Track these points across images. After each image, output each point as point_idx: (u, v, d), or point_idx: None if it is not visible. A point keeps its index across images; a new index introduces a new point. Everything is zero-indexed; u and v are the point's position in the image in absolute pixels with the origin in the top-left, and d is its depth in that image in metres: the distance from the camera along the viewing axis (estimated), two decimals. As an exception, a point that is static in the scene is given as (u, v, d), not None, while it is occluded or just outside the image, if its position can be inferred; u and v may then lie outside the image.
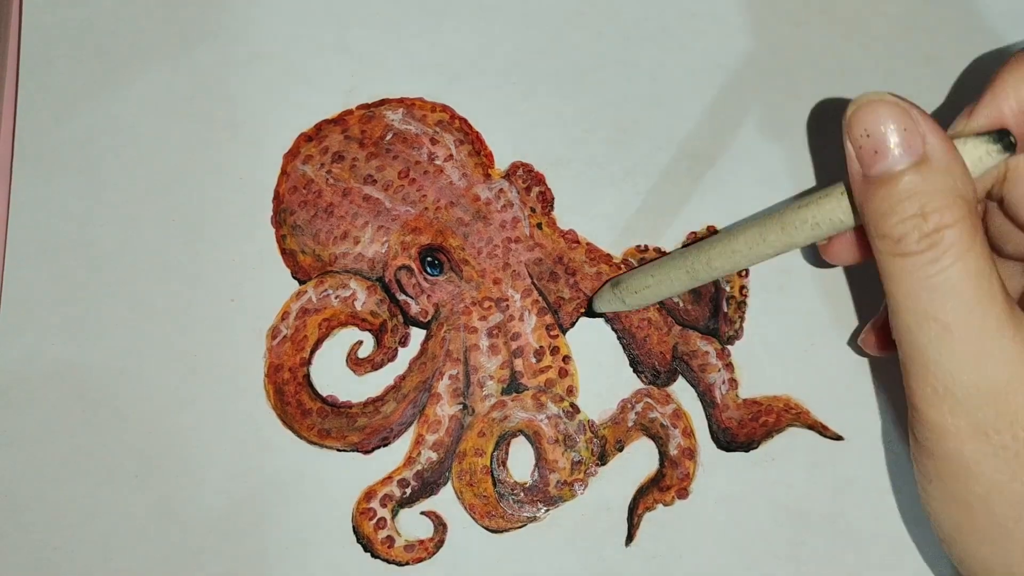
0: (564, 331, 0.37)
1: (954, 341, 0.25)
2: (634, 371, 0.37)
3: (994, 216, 0.30)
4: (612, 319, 0.37)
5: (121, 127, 0.39)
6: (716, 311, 0.37)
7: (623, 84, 0.40)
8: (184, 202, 0.38)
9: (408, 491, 0.36)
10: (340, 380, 0.37)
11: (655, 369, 0.37)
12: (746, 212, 0.38)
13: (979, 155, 0.27)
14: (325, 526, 0.36)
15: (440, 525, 0.36)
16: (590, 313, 0.37)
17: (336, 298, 0.37)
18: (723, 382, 0.37)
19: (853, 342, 0.37)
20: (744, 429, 0.36)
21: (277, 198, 0.38)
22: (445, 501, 0.36)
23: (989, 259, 0.25)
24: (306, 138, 0.39)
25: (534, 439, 0.36)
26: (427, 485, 0.36)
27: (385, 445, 0.36)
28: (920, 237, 0.25)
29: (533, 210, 0.38)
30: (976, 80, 0.40)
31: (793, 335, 0.38)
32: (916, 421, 0.27)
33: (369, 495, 0.36)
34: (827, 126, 0.39)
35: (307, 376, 0.37)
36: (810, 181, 0.39)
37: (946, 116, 0.40)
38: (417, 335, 0.37)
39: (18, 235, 0.38)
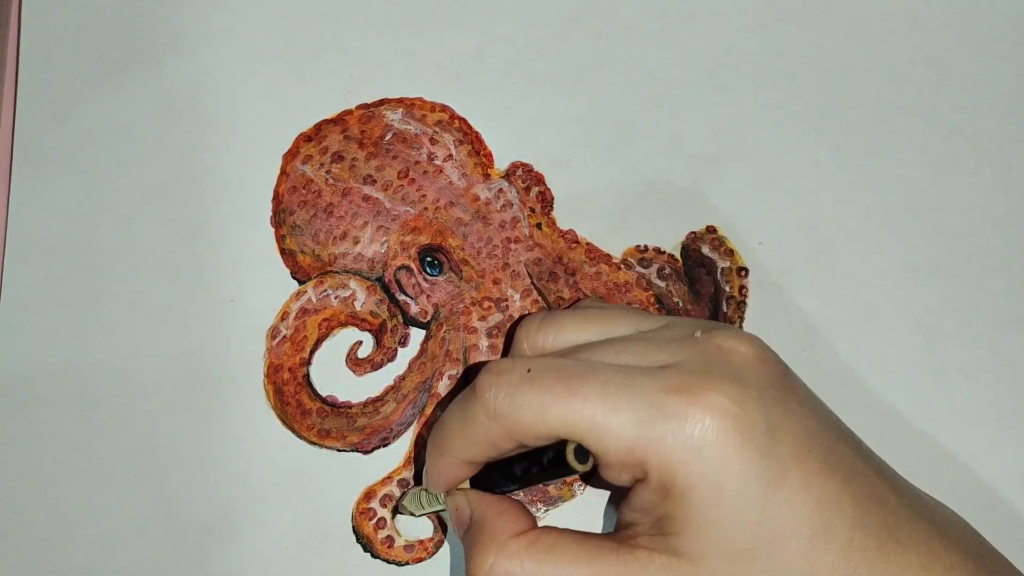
0: (395, 514, 0.37)
1: None
2: (634, 371, 0.37)
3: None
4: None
5: (121, 127, 0.39)
6: (716, 311, 0.37)
7: (623, 84, 0.40)
8: (184, 202, 0.38)
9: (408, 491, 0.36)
10: (340, 380, 0.37)
11: (655, 369, 0.37)
12: (746, 212, 0.38)
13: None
14: (325, 526, 0.36)
15: (440, 525, 0.36)
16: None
17: (336, 298, 0.37)
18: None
19: (853, 342, 0.37)
20: (744, 429, 0.36)
21: (277, 198, 0.38)
22: (445, 501, 0.36)
23: (546, 553, 0.29)
24: (306, 138, 0.39)
25: (534, 439, 0.36)
26: (427, 485, 0.36)
27: (385, 445, 0.36)
28: None
29: (533, 210, 0.38)
30: (976, 80, 0.40)
31: (793, 335, 0.38)
32: None
33: (369, 495, 0.36)
34: (827, 126, 0.39)
35: (307, 376, 0.37)
36: (810, 181, 0.39)
37: (947, 116, 0.40)
38: (417, 335, 0.37)
39: (18, 235, 0.38)
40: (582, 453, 0.28)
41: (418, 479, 0.36)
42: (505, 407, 0.29)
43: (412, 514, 0.35)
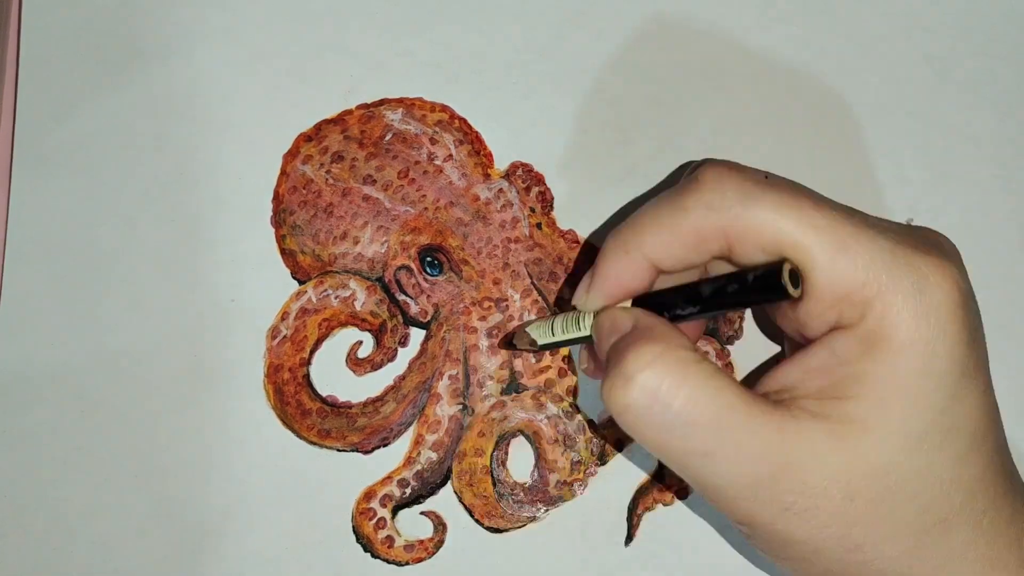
0: (507, 346, 0.37)
1: (719, 461, 0.26)
2: (634, 371, 0.37)
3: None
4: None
5: (121, 127, 0.39)
6: (716, 311, 0.37)
7: (623, 84, 0.40)
8: (184, 202, 0.38)
9: (408, 491, 0.36)
10: (340, 380, 0.37)
11: (655, 369, 0.37)
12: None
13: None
14: (325, 526, 0.36)
15: (440, 525, 0.36)
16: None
17: (336, 298, 0.37)
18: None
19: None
20: (744, 429, 0.36)
21: (277, 198, 0.38)
22: (445, 501, 0.36)
23: (707, 377, 0.26)
24: (306, 138, 0.39)
25: (534, 439, 0.36)
26: (427, 485, 0.36)
27: (385, 445, 0.36)
28: (635, 397, 0.26)
29: (533, 210, 0.38)
30: (976, 80, 0.40)
31: (793, 335, 0.38)
32: (733, 521, 0.29)
33: (369, 495, 0.36)
34: (827, 126, 0.39)
35: (307, 376, 0.37)
36: (809, 181, 0.39)
37: (947, 116, 0.40)
38: (417, 335, 0.37)
39: (18, 235, 0.38)
40: (795, 277, 0.26)
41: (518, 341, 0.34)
42: (734, 200, 0.26)
43: (532, 344, 0.32)
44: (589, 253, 0.38)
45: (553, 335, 0.31)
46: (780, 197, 0.26)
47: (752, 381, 0.32)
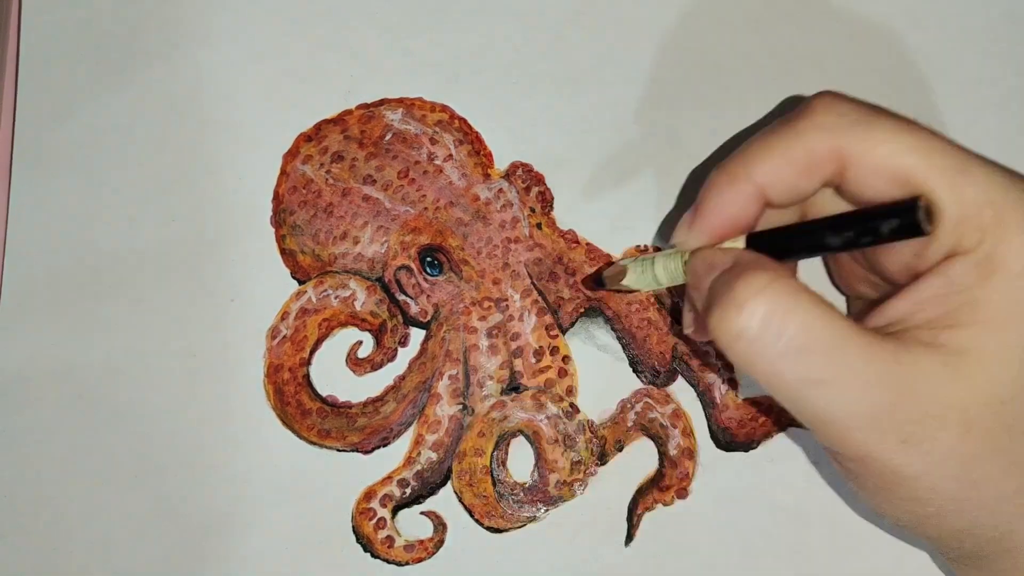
0: (564, 331, 0.37)
1: (835, 390, 0.25)
2: (634, 371, 0.37)
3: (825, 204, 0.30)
4: (612, 319, 0.37)
5: (121, 127, 0.39)
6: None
7: (623, 84, 0.40)
8: (184, 202, 0.38)
9: (408, 491, 0.36)
10: (340, 380, 0.37)
11: (655, 369, 0.37)
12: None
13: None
14: (325, 526, 0.36)
15: (440, 525, 0.36)
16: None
17: (336, 298, 0.37)
18: (723, 382, 0.37)
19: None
20: (744, 429, 0.36)
21: (277, 198, 0.38)
22: (445, 501, 0.36)
23: (818, 305, 0.25)
24: (306, 138, 0.39)
25: (534, 439, 0.36)
26: (427, 485, 0.36)
27: (385, 445, 0.36)
28: (748, 323, 0.25)
29: (533, 210, 0.38)
30: (976, 80, 0.40)
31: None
32: (842, 459, 0.28)
33: (369, 495, 0.36)
34: (827, 126, 0.39)
35: (307, 376, 0.37)
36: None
37: (947, 116, 0.40)
38: (417, 335, 0.37)
39: (18, 235, 0.38)
40: (928, 215, 0.25)
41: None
42: (850, 121, 0.26)
43: (626, 289, 0.31)
44: (589, 253, 0.38)
45: (656, 278, 0.30)
46: (896, 121, 0.26)
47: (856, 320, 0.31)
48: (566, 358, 0.37)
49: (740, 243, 0.28)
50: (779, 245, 0.28)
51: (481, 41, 0.40)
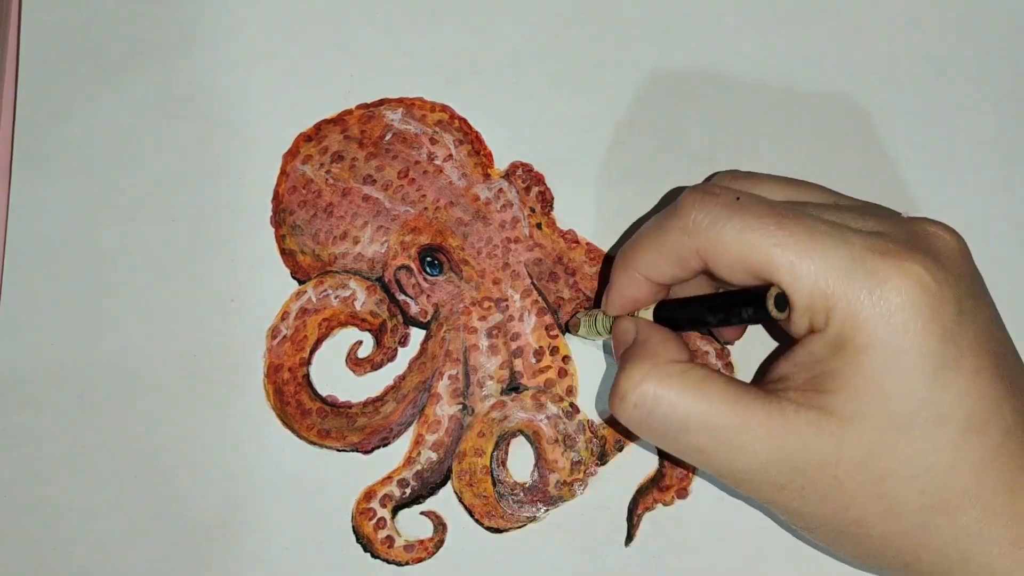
0: (564, 331, 0.37)
1: (713, 454, 0.29)
2: (634, 371, 0.37)
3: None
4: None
5: (121, 127, 0.39)
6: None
7: (623, 84, 0.40)
8: (184, 202, 0.38)
9: (408, 491, 0.36)
10: (340, 380, 0.37)
11: (655, 369, 0.37)
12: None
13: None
14: (325, 526, 0.36)
15: (440, 525, 0.36)
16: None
17: (336, 298, 0.37)
18: (723, 382, 0.37)
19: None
20: (744, 429, 0.36)
21: (277, 198, 0.38)
22: (445, 501, 0.36)
23: (692, 384, 0.29)
24: (306, 138, 0.39)
25: (534, 439, 0.36)
26: (427, 485, 0.36)
27: (385, 445, 0.36)
28: (630, 412, 0.30)
29: (533, 210, 0.38)
30: (976, 80, 0.40)
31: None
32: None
33: (369, 495, 0.36)
34: (827, 126, 0.39)
35: (307, 376, 0.37)
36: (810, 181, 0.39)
37: (947, 116, 0.40)
38: (417, 335, 0.37)
39: (18, 235, 0.38)
40: (781, 301, 0.28)
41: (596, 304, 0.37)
42: (706, 224, 0.29)
43: (584, 337, 0.36)
44: (589, 253, 0.38)
45: (596, 331, 0.35)
46: (745, 219, 0.29)
47: (759, 371, 0.35)
48: (566, 358, 0.37)
49: (650, 313, 0.33)
50: (676, 316, 0.32)
51: (481, 41, 0.40)
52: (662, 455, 0.36)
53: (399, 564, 0.35)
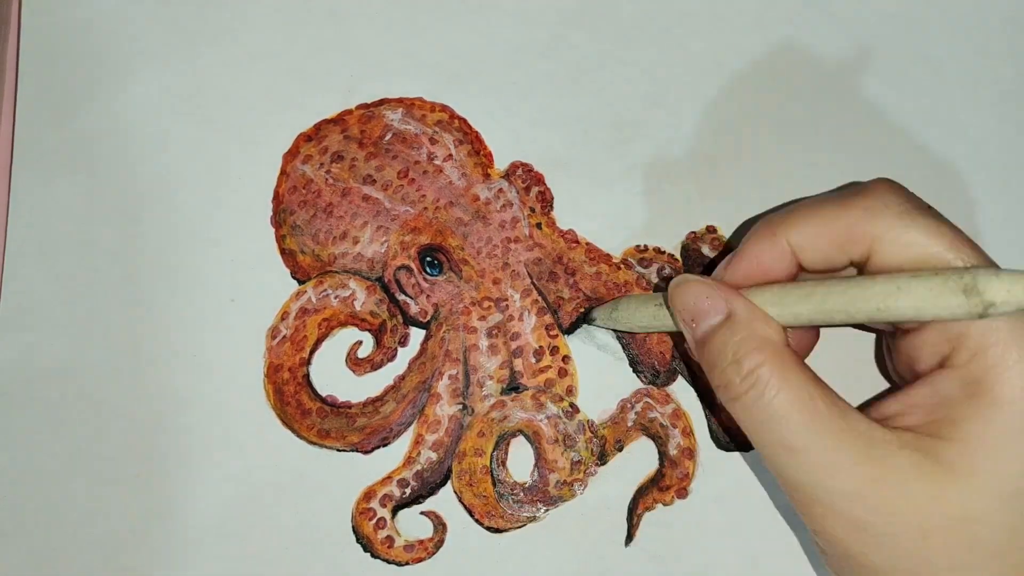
0: (564, 331, 0.37)
1: (802, 460, 0.27)
2: (634, 371, 0.37)
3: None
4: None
5: (121, 127, 0.39)
6: (716, 311, 0.37)
7: (623, 84, 0.40)
8: (184, 202, 0.38)
9: (408, 491, 0.36)
10: (340, 380, 0.37)
11: (655, 369, 0.37)
12: (745, 212, 0.38)
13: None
14: (325, 526, 0.36)
15: (440, 525, 0.36)
16: (580, 322, 0.37)
17: (335, 298, 0.37)
18: (723, 382, 0.37)
19: (853, 339, 0.37)
20: (744, 429, 0.36)
21: (277, 198, 0.38)
22: (445, 501, 0.36)
23: (810, 382, 0.28)
24: (305, 138, 0.39)
25: (534, 439, 0.36)
26: (427, 485, 0.36)
27: (385, 445, 0.36)
28: (740, 380, 0.28)
29: (532, 210, 0.38)
30: (976, 80, 0.40)
31: (793, 335, 0.38)
32: (809, 531, 0.29)
33: (369, 495, 0.36)
34: (827, 126, 0.39)
35: (307, 376, 0.37)
36: (809, 181, 0.39)
37: (946, 115, 0.40)
38: (416, 335, 0.37)
39: (18, 235, 0.38)
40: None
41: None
42: (893, 211, 0.27)
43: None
44: (589, 253, 0.38)
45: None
46: (936, 223, 0.27)
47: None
48: (566, 358, 0.37)
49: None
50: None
51: (480, 41, 0.40)
52: (662, 457, 0.36)
53: (399, 564, 0.35)
